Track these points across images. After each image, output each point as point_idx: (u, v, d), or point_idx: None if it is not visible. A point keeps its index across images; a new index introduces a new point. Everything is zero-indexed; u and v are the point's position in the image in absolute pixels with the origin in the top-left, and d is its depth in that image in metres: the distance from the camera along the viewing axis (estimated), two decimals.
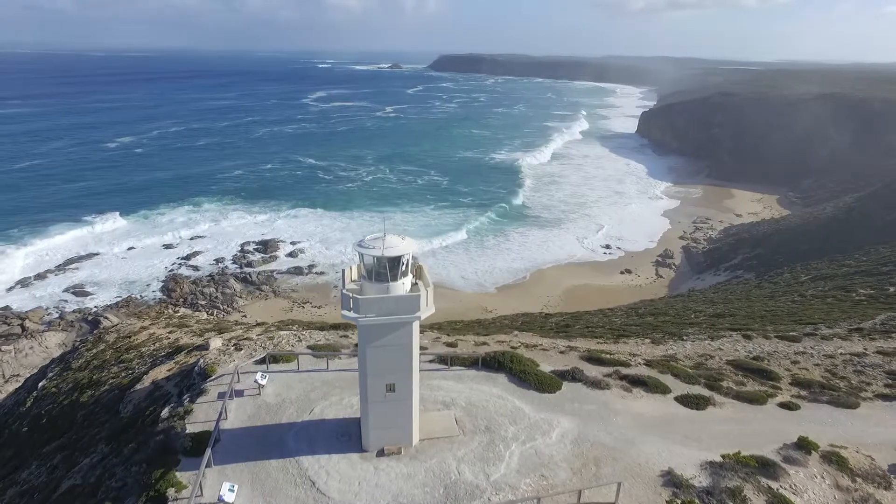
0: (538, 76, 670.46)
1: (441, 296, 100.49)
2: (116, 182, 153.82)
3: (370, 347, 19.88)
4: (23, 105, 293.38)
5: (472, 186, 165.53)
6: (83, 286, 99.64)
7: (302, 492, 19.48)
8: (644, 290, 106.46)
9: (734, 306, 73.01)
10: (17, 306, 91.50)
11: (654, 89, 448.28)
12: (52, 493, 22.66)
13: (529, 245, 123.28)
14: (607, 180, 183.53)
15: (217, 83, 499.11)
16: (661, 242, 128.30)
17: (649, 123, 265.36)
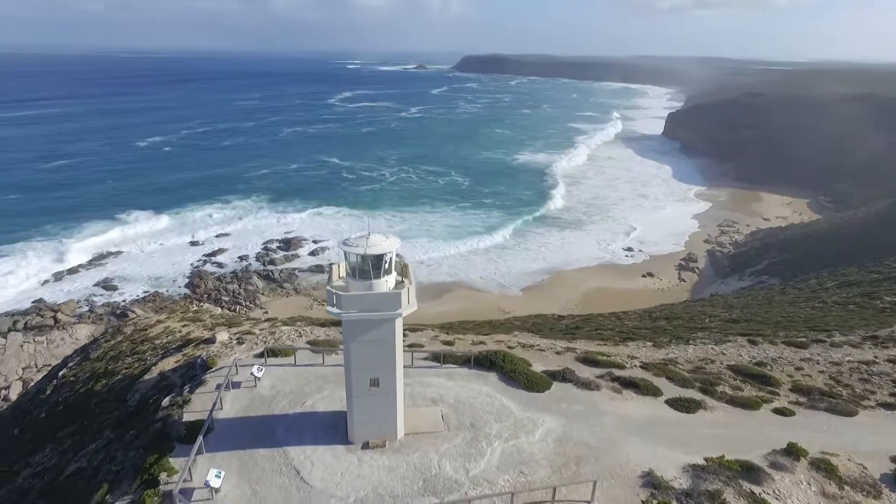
0: (563, 77, 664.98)
1: (460, 296, 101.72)
2: (145, 180, 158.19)
3: (354, 343, 20.52)
4: (54, 105, 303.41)
5: (495, 188, 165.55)
6: (112, 281, 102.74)
7: (286, 480, 20.24)
8: (666, 293, 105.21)
9: (751, 311, 71.83)
10: (50, 299, 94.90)
11: (682, 90, 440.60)
12: (60, 475, 23.89)
13: (550, 247, 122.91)
14: (631, 182, 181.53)
15: (244, 84, 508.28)
16: (685, 246, 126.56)
17: (676, 125, 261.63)
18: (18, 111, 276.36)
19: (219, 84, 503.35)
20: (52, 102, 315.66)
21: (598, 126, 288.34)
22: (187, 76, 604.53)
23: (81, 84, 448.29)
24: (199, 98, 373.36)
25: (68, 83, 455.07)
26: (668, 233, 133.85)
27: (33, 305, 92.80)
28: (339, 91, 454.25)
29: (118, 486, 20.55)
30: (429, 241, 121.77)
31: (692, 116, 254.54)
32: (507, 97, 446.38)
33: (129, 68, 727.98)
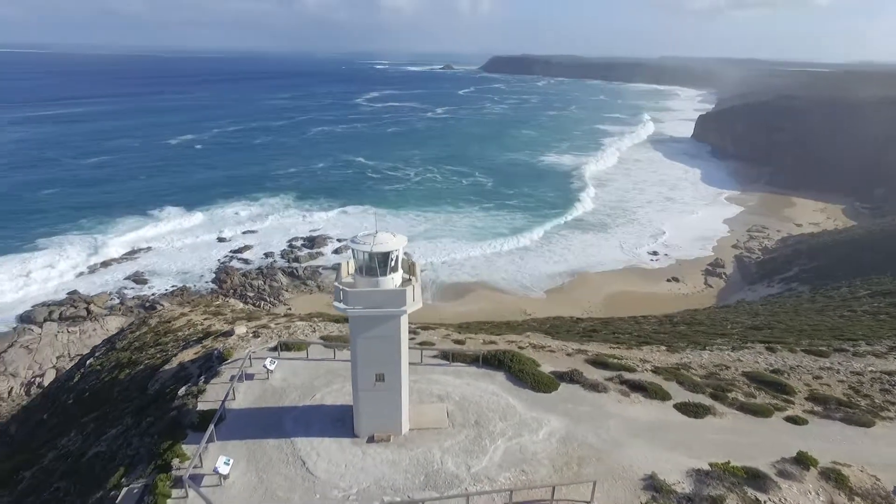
0: (592, 78, 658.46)
1: (482, 297, 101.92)
2: (177, 178, 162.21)
3: (360, 338, 20.98)
4: (97, 104, 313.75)
5: (519, 189, 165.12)
6: (143, 275, 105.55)
7: (292, 470, 20.82)
8: (690, 299, 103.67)
9: (776, 319, 70.35)
10: (84, 291, 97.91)
11: (713, 92, 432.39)
12: (81, 458, 24.97)
13: (574, 249, 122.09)
14: (658, 185, 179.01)
15: (275, 83, 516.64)
16: (712, 251, 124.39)
17: (706, 127, 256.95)
18: (61, 109, 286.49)
19: (251, 83, 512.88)
20: (93, 101, 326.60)
21: (625, 128, 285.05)
22: (221, 76, 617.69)
23: (121, 83, 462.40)
24: (230, 97, 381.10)
25: (109, 82, 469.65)
26: (694, 237, 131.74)
27: (68, 297, 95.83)
28: (366, 91, 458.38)
29: (133, 470, 21.43)
30: (452, 242, 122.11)
31: (723, 119, 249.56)
32: (534, 98, 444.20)
33: (167, 68, 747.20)
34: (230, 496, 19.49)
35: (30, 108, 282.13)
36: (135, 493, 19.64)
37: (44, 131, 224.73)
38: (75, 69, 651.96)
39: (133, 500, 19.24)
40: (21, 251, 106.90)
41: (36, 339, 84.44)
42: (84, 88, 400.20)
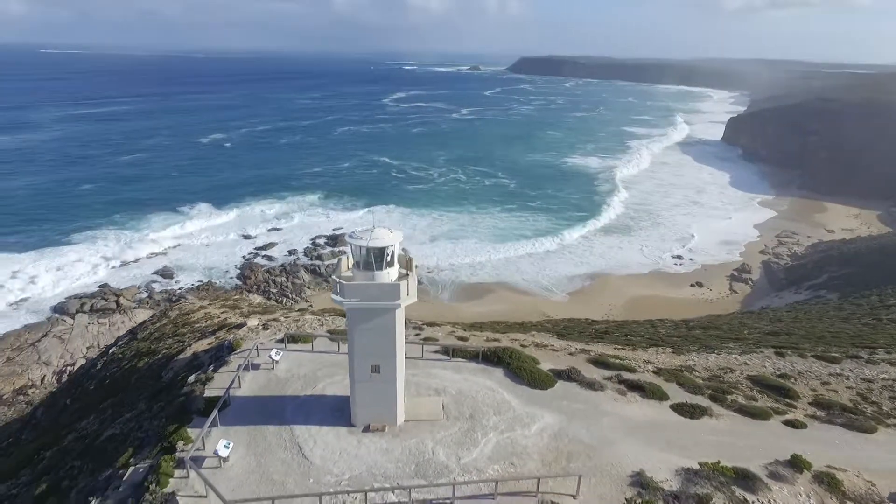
0: (620, 79, 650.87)
1: (501, 298, 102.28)
2: (206, 176, 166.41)
3: (356, 330, 21.76)
4: (132, 103, 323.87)
5: (543, 190, 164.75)
6: (171, 270, 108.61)
7: (289, 455, 21.72)
8: (714, 304, 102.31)
9: (797, 325, 69.08)
10: (115, 285, 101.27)
11: (746, 94, 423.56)
12: (96, 439, 26.34)
13: (597, 251, 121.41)
14: (684, 188, 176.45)
15: (304, 84, 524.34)
16: (739, 256, 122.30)
17: (737, 130, 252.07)
18: (99, 108, 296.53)
19: (281, 84, 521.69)
20: (129, 100, 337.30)
21: (652, 130, 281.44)
22: (251, 76, 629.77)
23: (156, 83, 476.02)
24: (260, 97, 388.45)
25: (144, 82, 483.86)
26: (721, 242, 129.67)
27: (99, 290, 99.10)
28: (393, 91, 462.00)
29: (141, 450, 22.61)
30: (474, 243, 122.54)
31: (755, 121, 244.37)
32: (561, 99, 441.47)
33: (199, 68, 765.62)
34: (228, 477, 20.47)
35: (71, 107, 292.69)
36: (140, 472, 20.78)
37: (83, 129, 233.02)
38: (113, 69, 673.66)
39: (139, 479, 20.37)
40: (57, 245, 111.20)
41: (68, 330, 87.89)
42: (121, 88, 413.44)
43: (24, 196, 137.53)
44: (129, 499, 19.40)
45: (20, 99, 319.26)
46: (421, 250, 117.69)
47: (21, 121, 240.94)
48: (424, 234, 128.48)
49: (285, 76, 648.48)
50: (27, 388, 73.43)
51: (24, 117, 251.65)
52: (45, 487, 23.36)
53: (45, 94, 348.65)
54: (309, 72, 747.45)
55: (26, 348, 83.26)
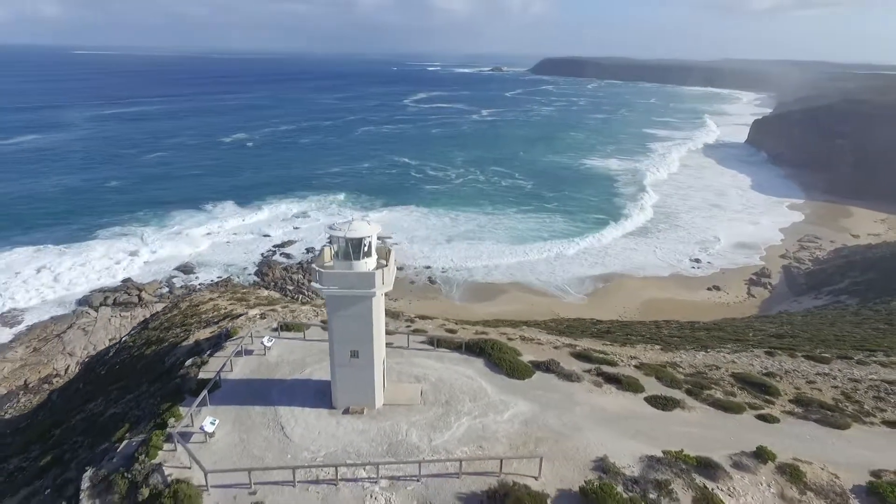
0: (644, 80, 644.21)
1: (515, 299, 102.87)
2: (228, 174, 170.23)
3: (335, 317, 23.04)
4: (158, 103, 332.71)
5: (560, 192, 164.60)
6: (192, 266, 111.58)
7: (271, 433, 23.11)
8: (731, 308, 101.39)
9: (807, 329, 68.52)
10: (137, 279, 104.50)
11: (773, 95, 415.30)
12: (99, 418, 28.13)
13: (612, 253, 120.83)
14: (704, 191, 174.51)
15: (326, 85, 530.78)
16: (759, 260, 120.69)
17: (762, 132, 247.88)
18: (126, 107, 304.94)
19: (304, 84, 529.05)
20: (154, 100, 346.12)
21: (674, 132, 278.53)
22: (276, 77, 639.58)
23: (181, 83, 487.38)
24: (283, 97, 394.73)
25: (171, 82, 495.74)
26: (740, 246, 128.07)
27: (122, 284, 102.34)
28: (414, 93, 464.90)
29: (136, 426, 24.22)
30: (491, 244, 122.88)
31: (780, 123, 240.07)
32: (583, 101, 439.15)
33: (224, 69, 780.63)
34: (212, 451, 21.93)
35: (99, 107, 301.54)
36: (133, 445, 22.35)
37: (111, 128, 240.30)
38: (140, 70, 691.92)
39: (131, 451, 21.93)
40: (83, 240, 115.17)
41: (92, 322, 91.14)
42: (148, 88, 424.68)
43: (54, 193, 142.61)
44: (121, 468, 20.96)
45: (53, 99, 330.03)
46: (437, 251, 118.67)
47: (53, 120, 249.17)
48: (441, 234, 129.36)
49: (308, 77, 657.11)
50: (52, 376, 76.59)
51: (57, 117, 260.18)
52: (49, 459, 25.15)
53: (76, 95, 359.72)
54: (331, 73, 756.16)
55: (52, 339, 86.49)
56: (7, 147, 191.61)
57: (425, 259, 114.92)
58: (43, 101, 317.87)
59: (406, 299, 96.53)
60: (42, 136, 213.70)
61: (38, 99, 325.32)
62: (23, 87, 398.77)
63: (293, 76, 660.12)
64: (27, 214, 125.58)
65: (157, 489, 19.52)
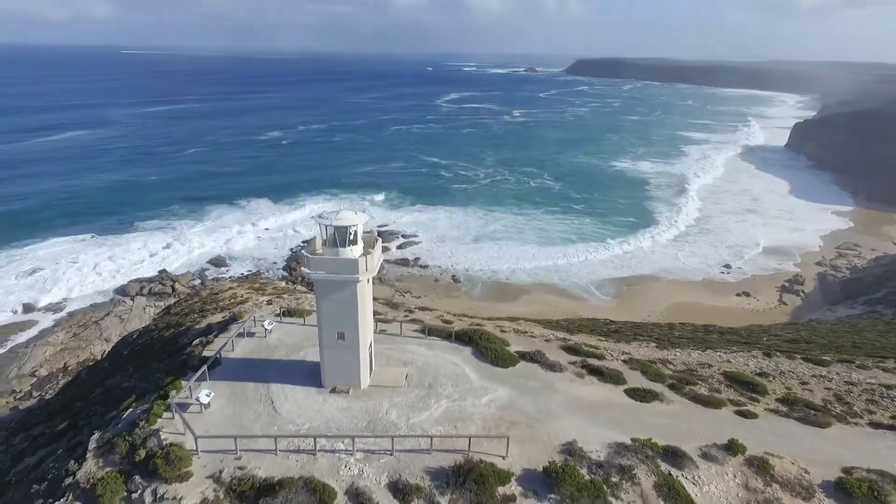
0: (682, 82, 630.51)
1: (537, 300, 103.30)
2: (262, 171, 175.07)
3: (323, 300, 24.60)
4: (199, 101, 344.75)
5: (589, 194, 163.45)
6: (224, 259, 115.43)
7: (261, 407, 24.89)
8: (760, 315, 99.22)
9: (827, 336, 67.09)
10: (172, 270, 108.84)
11: (817, 98, 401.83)
12: (115, 390, 30.47)
13: (641, 257, 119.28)
14: (739, 195, 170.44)
15: (361, 85, 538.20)
16: (792, 266, 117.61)
17: (803, 136, 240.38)
18: (168, 105, 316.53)
19: (339, 84, 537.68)
20: (196, 98, 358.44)
21: (711, 135, 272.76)
22: (312, 76, 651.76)
23: (221, 82, 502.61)
24: (318, 97, 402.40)
25: (211, 81, 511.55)
26: (774, 252, 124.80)
27: (158, 275, 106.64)
28: (447, 93, 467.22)
29: (143, 397, 26.32)
30: (518, 244, 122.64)
31: (822, 127, 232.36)
32: (617, 102, 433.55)
33: (262, 69, 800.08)
34: (206, 421, 23.81)
35: (143, 105, 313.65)
36: (137, 413, 24.40)
37: (153, 125, 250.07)
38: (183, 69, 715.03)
39: (134, 418, 23.97)
40: (123, 232, 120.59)
41: (128, 310, 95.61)
42: (189, 87, 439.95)
43: (97, 187, 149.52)
44: (124, 432, 22.99)
45: (101, 97, 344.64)
46: (463, 250, 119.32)
47: (100, 118, 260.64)
48: (468, 233, 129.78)
49: (344, 77, 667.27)
50: (89, 360, 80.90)
51: (103, 114, 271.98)
52: (65, 425, 27.52)
53: (122, 93, 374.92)
54: (367, 72, 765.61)
55: (90, 325, 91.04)
56: (55, 143, 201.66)
57: (451, 258, 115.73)
58: (93, 99, 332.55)
59: (430, 297, 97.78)
60: (90, 131, 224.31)
61: (90, 98, 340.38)
62: (74, 87, 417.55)
63: (329, 76, 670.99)
64: (71, 207, 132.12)
65: (153, 451, 21.43)
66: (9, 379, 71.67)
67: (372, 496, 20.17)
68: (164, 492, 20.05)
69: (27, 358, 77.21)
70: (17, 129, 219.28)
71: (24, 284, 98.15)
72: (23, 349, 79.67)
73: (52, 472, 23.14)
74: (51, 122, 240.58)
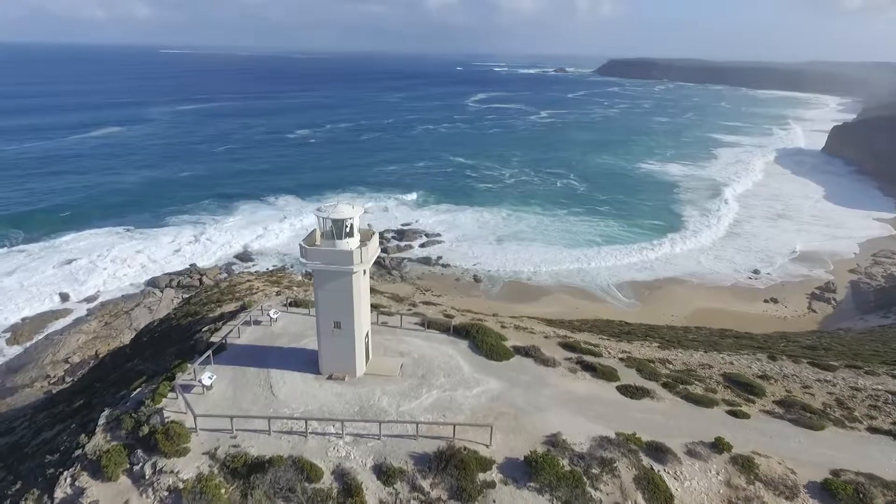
0: (716, 83, 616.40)
1: (558, 301, 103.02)
2: (290, 169, 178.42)
3: (320, 290, 25.65)
4: (232, 99, 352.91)
5: (614, 195, 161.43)
6: (250, 254, 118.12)
7: (260, 391, 26.09)
8: (787, 322, 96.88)
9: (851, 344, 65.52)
10: (200, 264, 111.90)
11: (858, 100, 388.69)
12: (129, 372, 32.16)
13: (665, 260, 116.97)
14: (771, 200, 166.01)
15: (390, 85, 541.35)
16: (824, 273, 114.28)
17: (841, 140, 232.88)
18: (202, 104, 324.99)
19: (368, 84, 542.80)
20: (228, 96, 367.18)
21: (743, 138, 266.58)
22: (342, 76, 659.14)
23: (254, 81, 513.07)
24: (346, 96, 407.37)
25: (244, 80, 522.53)
26: (805, 258, 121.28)
27: (186, 268, 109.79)
28: (475, 93, 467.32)
29: (152, 379, 27.83)
30: (541, 245, 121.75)
31: (863, 130, 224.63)
32: (648, 103, 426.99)
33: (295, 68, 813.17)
34: (207, 401, 25.13)
35: (178, 103, 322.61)
36: (144, 392, 25.88)
37: (187, 122, 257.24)
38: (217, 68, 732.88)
39: (141, 397, 25.44)
40: (155, 226, 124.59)
41: (157, 301, 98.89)
42: (222, 86, 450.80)
43: (133, 182, 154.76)
44: (130, 410, 24.46)
45: (139, 96, 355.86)
46: (486, 250, 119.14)
47: (137, 115, 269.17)
48: (492, 233, 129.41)
49: (373, 76, 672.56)
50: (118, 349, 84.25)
51: (141, 112, 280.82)
52: (81, 403, 29.25)
53: (159, 91, 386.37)
54: (397, 72, 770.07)
55: (121, 315, 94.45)
56: (94, 139, 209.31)
57: (473, 258, 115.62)
58: (132, 97, 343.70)
59: (449, 295, 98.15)
60: (127, 128, 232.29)
61: (128, 96, 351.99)
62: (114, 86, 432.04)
63: (360, 76, 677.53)
64: (107, 201, 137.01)
65: (155, 428, 22.77)
66: (44, 364, 74.97)
67: (356, 477, 21.08)
68: (162, 465, 21.34)
69: (62, 345, 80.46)
70: (59, 126, 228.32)
71: (62, 274, 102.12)
72: (58, 336, 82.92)
73: (64, 445, 24.75)
74: (92, 119, 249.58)
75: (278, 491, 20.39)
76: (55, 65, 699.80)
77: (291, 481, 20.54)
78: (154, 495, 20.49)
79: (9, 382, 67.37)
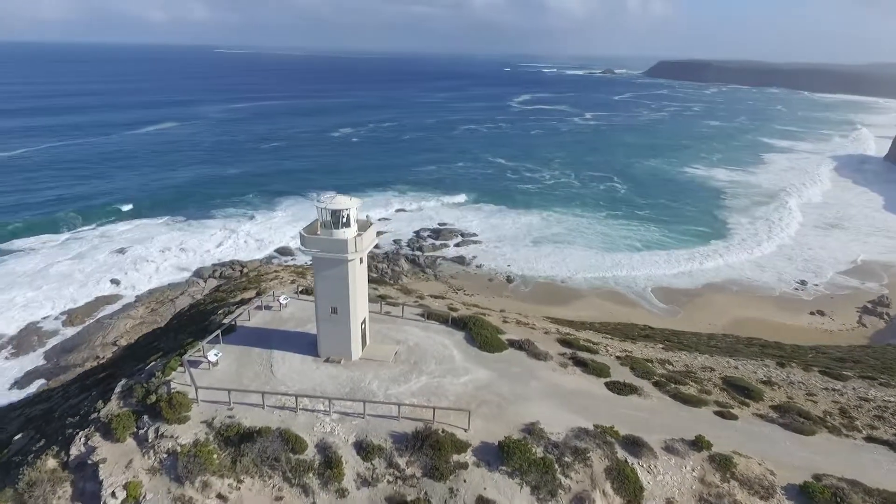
0: (772, 86, 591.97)
1: (591, 305, 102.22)
2: (332, 166, 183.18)
3: (319, 276, 27.22)
4: (281, 98, 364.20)
5: (657, 200, 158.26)
6: (290, 249, 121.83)
7: (260, 369, 27.95)
8: (833, 336, 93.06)
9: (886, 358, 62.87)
10: (242, 258, 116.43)
11: None
12: (151, 350, 34.70)
13: (707, 268, 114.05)
14: (823, 208, 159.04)
15: (435, 85, 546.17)
16: (878, 287, 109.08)
17: None
18: (252, 102, 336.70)
19: (414, 84, 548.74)
20: (278, 95, 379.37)
21: (797, 143, 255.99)
22: (389, 76, 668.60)
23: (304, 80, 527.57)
24: (391, 95, 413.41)
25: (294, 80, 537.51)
26: (858, 270, 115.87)
27: (229, 262, 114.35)
28: (519, 94, 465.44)
29: (165, 355, 30.13)
30: (579, 248, 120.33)
31: None
32: (698, 106, 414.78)
33: (344, 67, 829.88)
34: (211, 376, 27.16)
35: (230, 102, 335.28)
36: (157, 366, 28.12)
37: (237, 120, 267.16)
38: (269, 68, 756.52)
39: (154, 370, 27.69)
40: (201, 219, 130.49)
41: (200, 291, 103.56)
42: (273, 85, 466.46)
43: (184, 177, 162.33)
44: (143, 381, 26.69)
45: (194, 94, 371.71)
46: (522, 251, 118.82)
47: (191, 113, 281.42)
48: (529, 235, 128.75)
49: (420, 77, 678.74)
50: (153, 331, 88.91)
51: (194, 110, 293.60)
52: (105, 374, 31.84)
53: (212, 90, 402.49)
54: (443, 72, 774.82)
55: (167, 303, 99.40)
56: (149, 136, 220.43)
57: (508, 259, 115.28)
58: (187, 96, 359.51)
59: (482, 295, 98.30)
60: (181, 123, 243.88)
61: (184, 94, 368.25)
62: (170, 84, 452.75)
63: (405, 76, 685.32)
64: (160, 195, 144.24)
65: (161, 397, 24.83)
66: (94, 346, 79.96)
67: (338, 451, 22.47)
68: (164, 430, 23.33)
69: (111, 328, 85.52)
70: (118, 123, 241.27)
71: (114, 262, 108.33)
72: (108, 320, 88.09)
73: (84, 409, 27.19)
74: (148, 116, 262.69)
75: (265, 459, 22.02)
76: (120, 64, 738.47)
77: (277, 451, 22.15)
78: (154, 457, 22.47)
79: (63, 361, 72.32)
